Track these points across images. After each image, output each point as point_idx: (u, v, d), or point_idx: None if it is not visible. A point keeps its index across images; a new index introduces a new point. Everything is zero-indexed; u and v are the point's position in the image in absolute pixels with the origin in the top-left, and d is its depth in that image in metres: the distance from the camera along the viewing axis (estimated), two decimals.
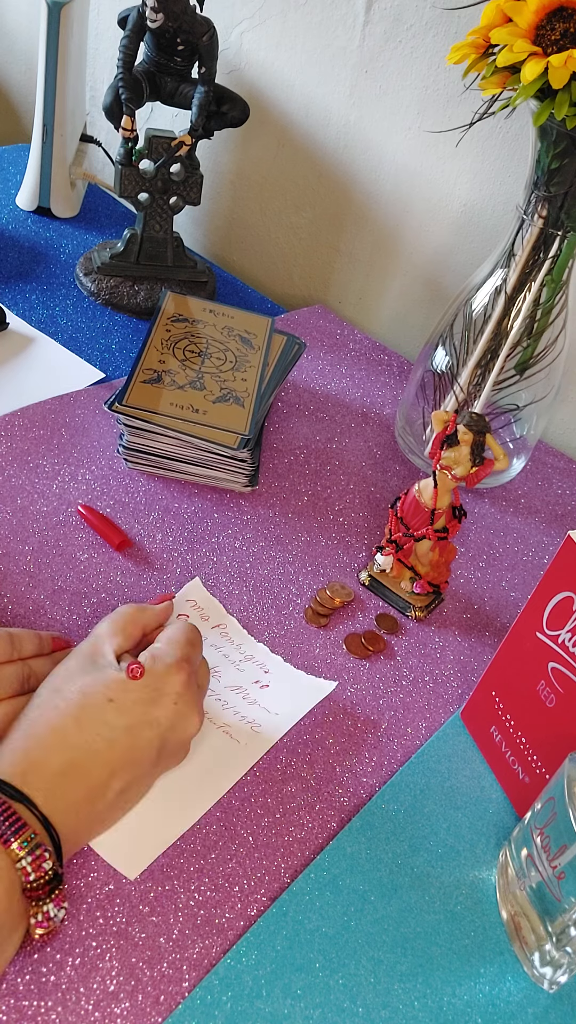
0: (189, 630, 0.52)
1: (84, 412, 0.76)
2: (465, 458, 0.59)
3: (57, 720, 0.45)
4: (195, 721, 0.49)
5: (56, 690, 0.47)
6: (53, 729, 0.44)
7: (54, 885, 0.40)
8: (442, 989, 0.46)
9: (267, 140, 1.02)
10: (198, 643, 0.53)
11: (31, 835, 0.40)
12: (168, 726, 0.47)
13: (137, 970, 0.43)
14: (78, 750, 0.44)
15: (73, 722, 0.45)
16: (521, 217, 0.68)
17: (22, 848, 0.39)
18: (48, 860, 0.40)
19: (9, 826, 0.39)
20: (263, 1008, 0.43)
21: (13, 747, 0.44)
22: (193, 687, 0.49)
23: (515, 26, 0.57)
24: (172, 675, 0.48)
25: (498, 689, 0.55)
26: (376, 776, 0.55)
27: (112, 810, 0.46)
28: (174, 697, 0.48)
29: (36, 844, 0.40)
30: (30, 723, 0.45)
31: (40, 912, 0.40)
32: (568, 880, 0.43)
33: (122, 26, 0.79)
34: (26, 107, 1.33)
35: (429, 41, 0.83)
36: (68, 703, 0.46)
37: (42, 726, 0.44)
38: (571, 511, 0.81)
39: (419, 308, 0.98)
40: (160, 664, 0.49)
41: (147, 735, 0.46)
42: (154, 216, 0.89)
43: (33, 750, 0.43)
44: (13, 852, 0.39)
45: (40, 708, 0.46)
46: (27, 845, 0.39)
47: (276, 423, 0.81)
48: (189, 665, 0.50)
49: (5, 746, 0.44)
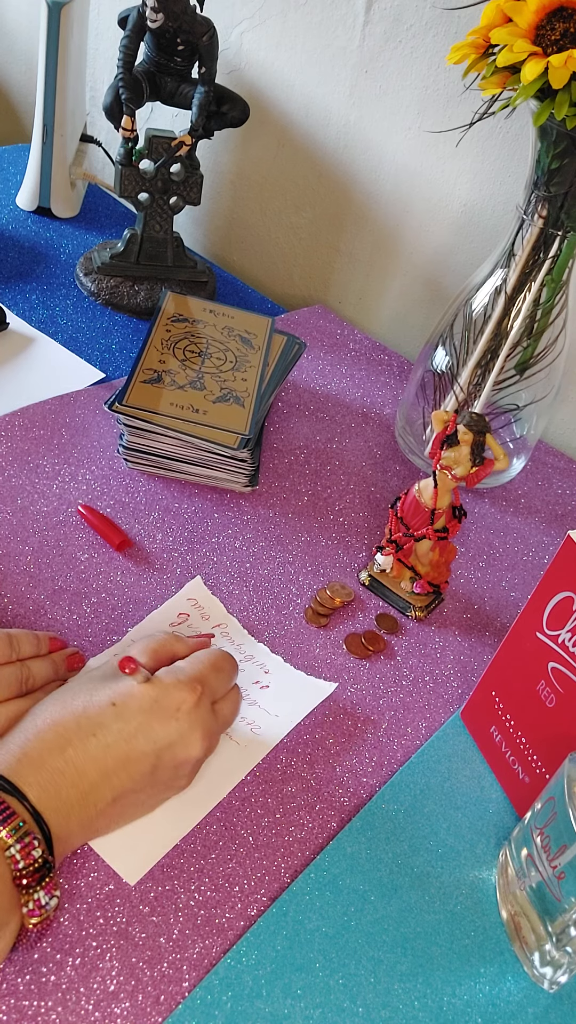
0: (218, 655, 0.51)
1: (84, 412, 0.76)
2: (465, 458, 0.59)
3: (59, 717, 0.45)
4: (197, 744, 0.47)
5: (67, 690, 0.47)
6: (53, 725, 0.44)
7: (44, 873, 0.40)
8: (442, 989, 0.46)
9: (267, 140, 1.02)
10: (225, 670, 0.51)
11: (19, 823, 0.39)
12: (165, 744, 0.46)
13: (137, 970, 0.43)
14: (75, 749, 0.43)
15: (73, 721, 0.45)
16: (521, 217, 0.68)
17: (11, 836, 0.39)
18: (38, 848, 0.40)
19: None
20: (263, 1008, 0.43)
21: (14, 739, 0.44)
22: (203, 709, 0.47)
23: (515, 26, 0.57)
24: (179, 690, 0.47)
25: (498, 689, 0.55)
26: (376, 776, 0.55)
27: (105, 819, 0.45)
28: (176, 713, 0.46)
29: (25, 832, 0.39)
30: (34, 717, 0.45)
31: (31, 900, 0.40)
32: (568, 880, 0.43)
33: (122, 26, 0.79)
34: (26, 107, 1.33)
35: (429, 41, 0.83)
36: (73, 703, 0.46)
37: (43, 722, 0.45)
38: (571, 511, 0.81)
39: (419, 308, 0.98)
40: (171, 678, 0.47)
41: (142, 748, 0.45)
42: (154, 216, 0.89)
43: (31, 745, 0.43)
44: (2, 840, 0.39)
45: (46, 704, 0.46)
46: (16, 833, 0.39)
47: (276, 423, 0.81)
48: (203, 686, 0.48)
49: (7, 738, 0.44)
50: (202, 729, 0.47)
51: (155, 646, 0.51)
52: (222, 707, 0.50)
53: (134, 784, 0.45)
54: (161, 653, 0.50)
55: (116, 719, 0.45)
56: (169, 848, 0.48)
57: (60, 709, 0.45)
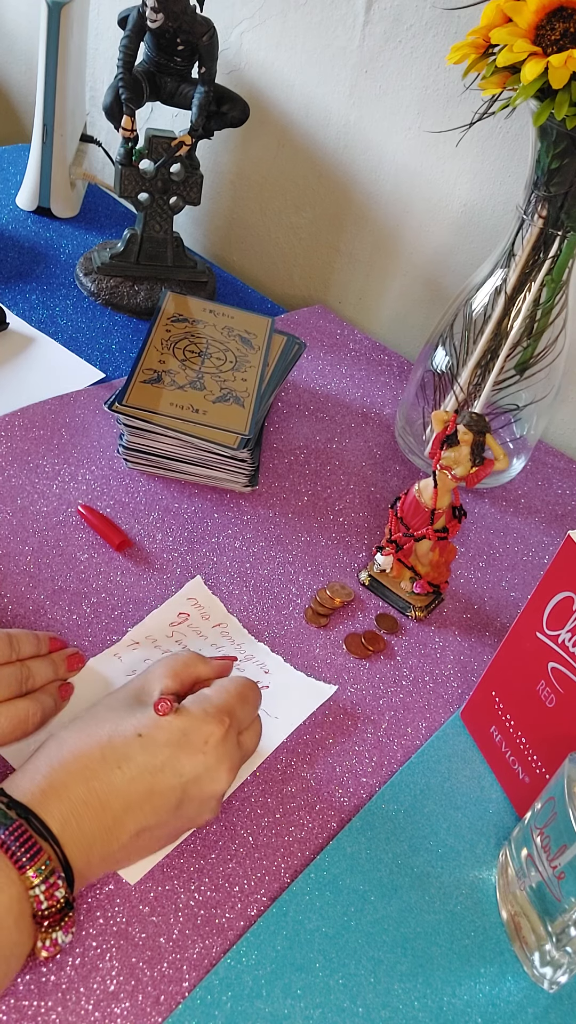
0: (244, 685, 0.49)
1: (84, 412, 0.76)
2: (465, 458, 0.59)
3: (84, 747, 0.44)
4: (222, 778, 0.46)
5: (93, 716, 0.46)
6: (78, 755, 0.43)
7: (65, 913, 0.40)
8: (442, 989, 0.46)
9: (267, 140, 1.02)
10: (251, 700, 0.49)
11: (46, 861, 0.39)
12: (192, 777, 0.44)
13: (137, 970, 0.43)
14: (99, 781, 0.42)
15: (99, 751, 0.43)
16: (521, 217, 0.68)
17: (37, 875, 0.38)
18: (61, 888, 0.39)
19: (25, 851, 0.39)
20: (263, 1008, 0.43)
21: (37, 766, 0.43)
22: (229, 742, 0.46)
23: (515, 26, 0.57)
24: (208, 723, 0.45)
25: (498, 689, 0.55)
26: (376, 776, 0.55)
27: (126, 852, 0.44)
28: (204, 747, 0.45)
29: (50, 871, 0.39)
30: (59, 744, 0.44)
31: (48, 939, 0.40)
32: (568, 880, 0.43)
33: (122, 26, 0.79)
34: (26, 107, 1.33)
35: (429, 41, 0.83)
36: (99, 732, 0.44)
37: (68, 750, 0.43)
38: (571, 511, 0.81)
39: (419, 308, 0.98)
40: (198, 709, 0.46)
41: (169, 782, 0.44)
42: (154, 216, 0.89)
43: (56, 774, 0.42)
44: (28, 879, 0.38)
45: (72, 731, 0.45)
46: (41, 872, 0.39)
47: (276, 423, 0.81)
48: (231, 718, 0.47)
49: (30, 764, 0.43)
50: (229, 763, 0.46)
51: (178, 667, 0.49)
52: (245, 739, 0.49)
53: (158, 818, 0.44)
54: (184, 675, 0.49)
55: (142, 751, 0.44)
56: (169, 848, 0.48)
57: (85, 738, 0.44)
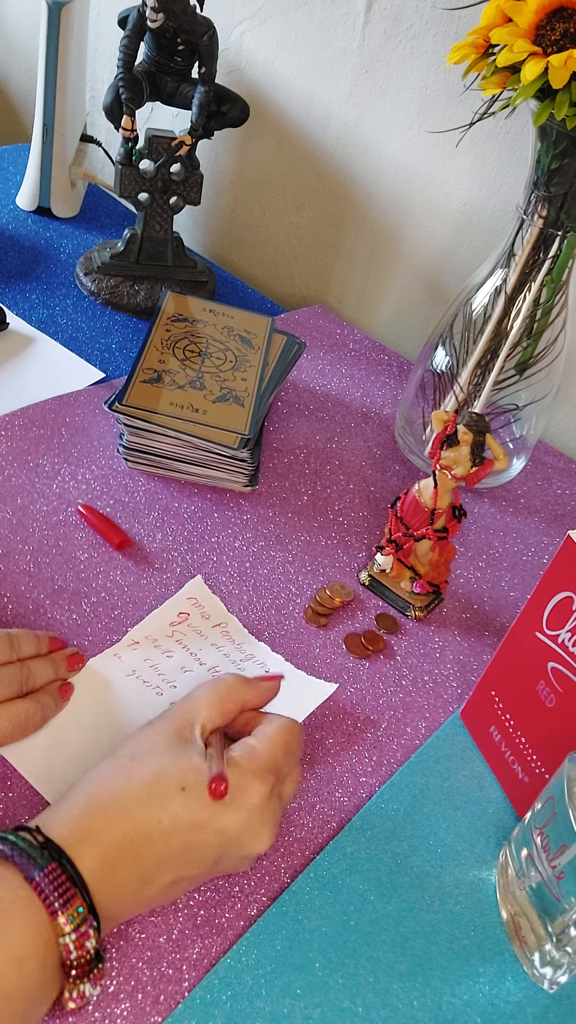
0: (291, 735, 0.47)
1: (84, 412, 0.76)
2: (465, 458, 0.59)
3: (124, 790, 0.42)
4: (264, 840, 0.44)
5: (134, 757, 0.44)
6: (118, 798, 0.41)
7: (94, 964, 0.38)
8: (442, 989, 0.46)
9: (267, 140, 1.02)
10: (295, 749, 0.47)
11: (79, 908, 0.38)
12: (233, 838, 0.43)
13: (137, 970, 0.43)
14: (136, 830, 0.41)
15: (137, 799, 0.41)
16: (521, 217, 0.68)
17: (68, 923, 0.37)
18: (92, 939, 0.38)
19: (59, 896, 0.37)
20: (263, 1008, 0.43)
21: (74, 803, 0.41)
22: (273, 802, 0.44)
23: (515, 26, 0.57)
24: (254, 785, 0.43)
25: (498, 689, 0.55)
26: (376, 776, 0.55)
27: (156, 900, 0.43)
28: (249, 809, 0.43)
29: (82, 919, 0.38)
30: (98, 783, 0.42)
31: (76, 990, 0.38)
32: (568, 880, 0.43)
33: (122, 26, 0.79)
34: (26, 107, 1.33)
35: (429, 41, 0.83)
36: (141, 776, 0.42)
37: (108, 791, 0.42)
38: (571, 511, 0.81)
39: (419, 308, 0.98)
40: (245, 761, 0.44)
41: (208, 840, 0.42)
42: (154, 216, 0.89)
43: (93, 815, 0.41)
44: (59, 926, 0.37)
45: (111, 767, 0.43)
46: (73, 920, 0.37)
47: (276, 423, 0.81)
48: (276, 775, 0.45)
49: (66, 800, 0.42)
50: (272, 824, 0.44)
51: (223, 693, 0.47)
52: (284, 789, 0.46)
53: (193, 871, 0.43)
54: (229, 703, 0.47)
55: (184, 807, 0.42)
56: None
57: (125, 779, 0.42)
